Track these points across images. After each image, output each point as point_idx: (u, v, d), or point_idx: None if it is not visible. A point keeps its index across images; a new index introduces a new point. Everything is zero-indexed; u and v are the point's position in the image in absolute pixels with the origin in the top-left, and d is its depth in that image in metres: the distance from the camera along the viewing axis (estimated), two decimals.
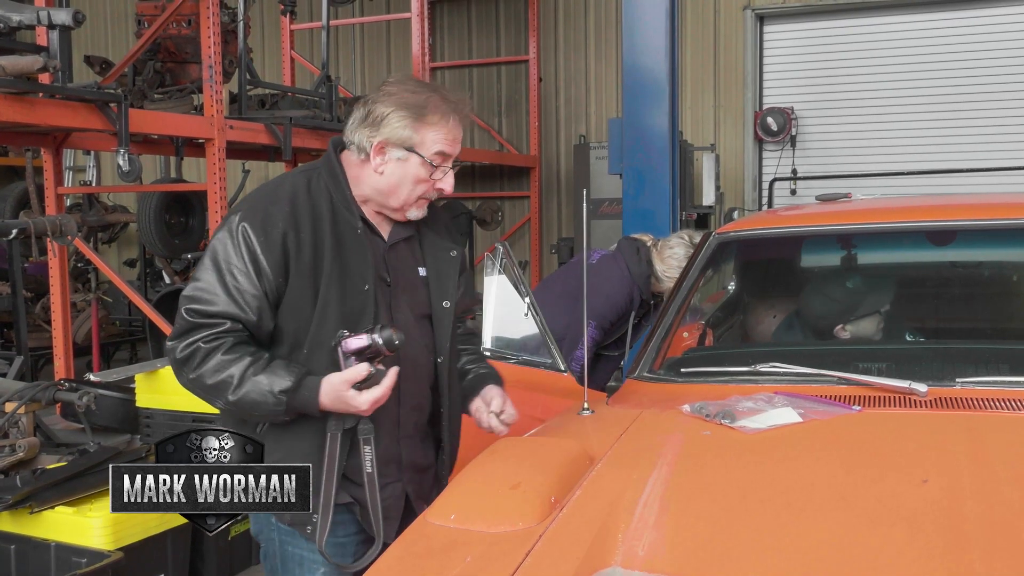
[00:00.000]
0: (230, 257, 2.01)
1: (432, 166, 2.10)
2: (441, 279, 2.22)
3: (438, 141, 2.10)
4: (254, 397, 1.97)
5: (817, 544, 1.59)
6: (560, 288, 4.07)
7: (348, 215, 2.10)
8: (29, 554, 3.32)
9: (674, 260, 3.86)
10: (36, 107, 4.61)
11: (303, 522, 2.07)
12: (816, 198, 3.44)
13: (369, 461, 2.05)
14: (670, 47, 5.40)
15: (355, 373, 1.96)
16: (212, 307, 2.00)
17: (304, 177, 2.14)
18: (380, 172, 2.11)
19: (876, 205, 3.37)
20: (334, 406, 2.00)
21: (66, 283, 6.03)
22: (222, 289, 2.00)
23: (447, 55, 9.89)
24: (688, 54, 8.60)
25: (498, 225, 9.42)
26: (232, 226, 2.04)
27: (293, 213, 2.05)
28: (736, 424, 2.12)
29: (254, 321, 2.02)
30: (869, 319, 3.00)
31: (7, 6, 4.44)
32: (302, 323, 2.05)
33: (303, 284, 2.03)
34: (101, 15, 10.84)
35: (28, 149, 8.08)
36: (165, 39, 6.17)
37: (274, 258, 2.01)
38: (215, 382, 1.99)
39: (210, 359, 1.99)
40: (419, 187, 2.11)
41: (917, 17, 8.45)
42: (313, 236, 2.05)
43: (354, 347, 1.97)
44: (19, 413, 3.86)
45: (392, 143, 2.09)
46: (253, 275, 2.01)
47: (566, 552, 1.60)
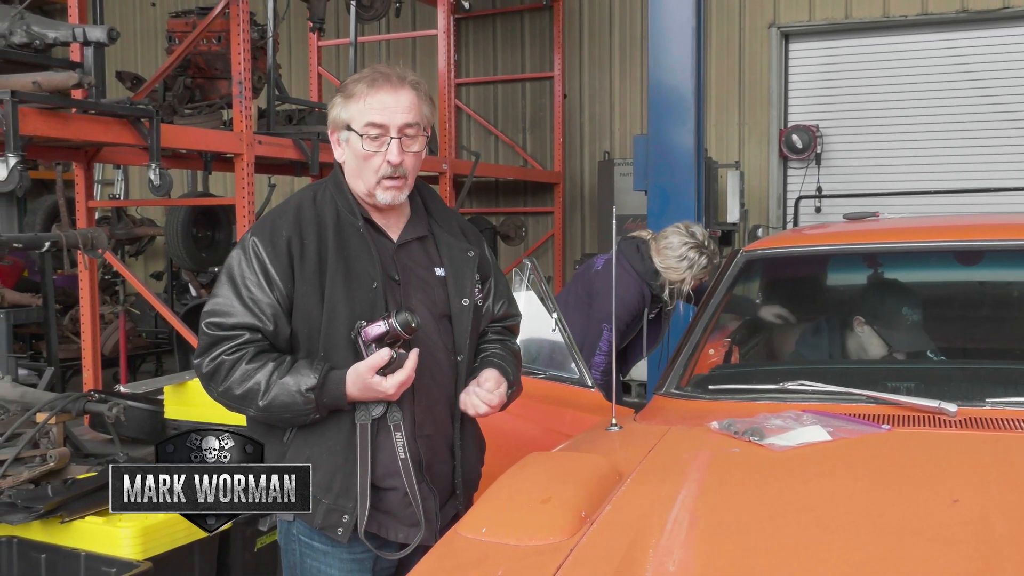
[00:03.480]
0: (244, 271, 2.09)
1: (369, 138, 2.11)
2: (458, 278, 2.22)
3: (365, 112, 2.11)
4: (283, 399, 2.01)
5: (848, 563, 1.59)
6: (572, 299, 4.10)
7: (351, 218, 2.15)
8: (59, 563, 3.35)
9: (670, 251, 3.86)
10: (70, 122, 4.68)
11: (334, 525, 2.08)
12: (844, 216, 3.44)
13: (401, 447, 2.08)
14: (696, 65, 5.41)
15: (378, 358, 2.00)
16: (230, 319, 2.06)
17: (311, 191, 2.23)
18: (342, 161, 2.19)
19: (904, 224, 3.37)
20: (362, 395, 2.04)
21: (95, 295, 6.10)
22: (238, 302, 2.07)
23: (472, 71, 9.95)
24: (713, 71, 8.61)
25: (522, 240, 9.44)
26: (245, 243, 2.12)
27: (297, 222, 2.12)
28: (765, 442, 2.13)
29: (271, 329, 2.07)
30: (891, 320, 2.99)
31: (43, 23, 4.51)
32: (313, 326, 2.09)
33: (309, 288, 2.08)
34: (131, 31, 10.98)
35: (58, 163, 8.19)
36: (195, 55, 6.25)
37: (282, 266, 2.08)
38: (243, 391, 2.03)
39: (235, 370, 2.04)
40: (370, 164, 2.12)
41: (943, 36, 8.42)
42: (317, 241, 2.10)
43: (374, 334, 2.01)
44: (50, 424, 3.90)
45: (337, 128, 2.17)
46: (265, 286, 2.07)
47: (597, 567, 1.61)
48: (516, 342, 2.41)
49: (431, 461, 2.16)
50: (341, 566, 2.14)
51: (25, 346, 8.16)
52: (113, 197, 9.73)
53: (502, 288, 2.38)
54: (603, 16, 9.41)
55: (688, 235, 3.89)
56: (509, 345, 2.35)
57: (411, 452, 2.10)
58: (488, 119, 9.89)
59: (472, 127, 10.00)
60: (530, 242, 9.64)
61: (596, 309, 3.83)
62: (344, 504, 2.08)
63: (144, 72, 8.31)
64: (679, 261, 3.85)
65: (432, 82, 9.21)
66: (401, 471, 2.09)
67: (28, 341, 8.22)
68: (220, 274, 2.13)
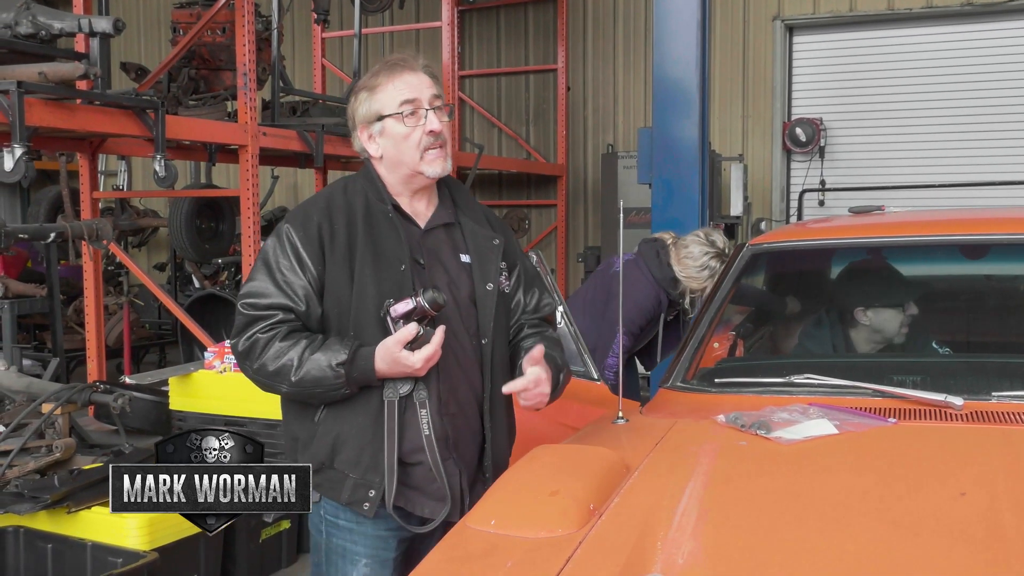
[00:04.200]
0: (278, 256, 2.18)
1: (407, 115, 2.20)
2: (483, 263, 2.28)
3: (396, 94, 2.21)
4: (315, 374, 2.08)
5: (855, 555, 1.60)
6: (588, 297, 4.09)
7: (381, 205, 2.24)
8: (66, 553, 3.37)
9: (690, 260, 3.86)
10: (76, 113, 4.68)
11: (360, 500, 2.14)
12: (849, 210, 3.44)
13: (427, 423, 2.14)
14: (700, 58, 5.41)
15: (406, 333, 2.05)
16: (265, 299, 2.15)
17: (342, 183, 2.33)
18: (380, 156, 2.26)
19: (910, 218, 3.37)
20: (390, 370, 2.09)
21: (100, 286, 6.10)
22: (272, 284, 2.16)
23: (476, 63, 9.94)
24: (717, 64, 8.60)
25: (525, 233, 9.44)
26: (280, 231, 2.22)
27: (328, 209, 2.22)
28: (772, 435, 2.13)
29: (303, 310, 2.15)
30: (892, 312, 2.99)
31: (49, 14, 4.51)
32: (343, 307, 2.16)
33: (339, 269, 2.16)
34: (135, 22, 10.97)
35: (62, 154, 8.19)
36: (200, 46, 6.24)
37: (313, 249, 2.16)
38: (277, 367, 2.11)
39: (269, 347, 2.12)
40: (411, 142, 2.21)
41: (947, 29, 8.41)
42: (347, 226, 2.19)
43: (402, 311, 2.08)
44: (55, 414, 3.92)
45: (367, 124, 2.25)
46: (298, 268, 2.16)
47: (606, 559, 1.62)
48: (553, 331, 2.46)
49: (457, 439, 2.21)
50: (366, 542, 2.19)
51: (29, 336, 8.17)
52: (116, 188, 9.73)
53: (532, 277, 2.43)
54: (607, 8, 9.40)
55: (708, 244, 3.88)
56: (548, 335, 2.39)
57: (437, 429, 2.16)
58: (491, 111, 9.88)
59: (476, 119, 10.00)
60: (533, 235, 9.65)
61: (612, 311, 3.80)
62: (371, 479, 2.14)
63: (148, 63, 8.31)
64: (700, 271, 3.85)
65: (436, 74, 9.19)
66: (425, 447, 2.14)
67: (32, 332, 8.23)
68: (256, 261, 2.24)
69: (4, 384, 4.24)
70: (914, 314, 3.02)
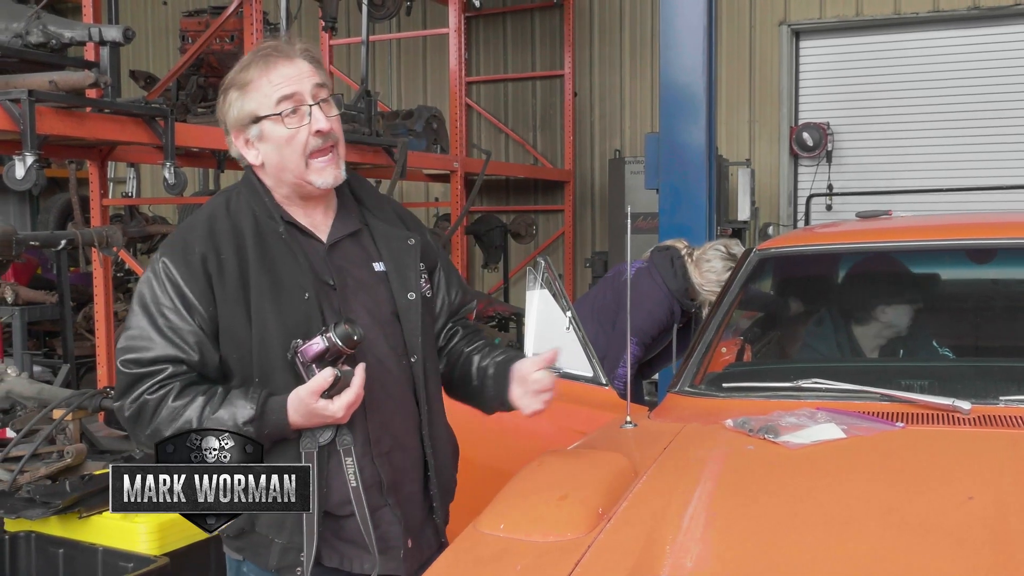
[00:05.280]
0: (157, 297, 1.87)
1: (288, 115, 1.89)
2: (401, 270, 2.01)
3: (272, 90, 1.89)
4: None
5: (863, 559, 1.60)
6: (598, 304, 4.04)
7: (271, 223, 1.93)
8: (77, 558, 3.38)
9: (712, 275, 3.81)
10: (86, 121, 4.71)
11: (291, 565, 1.91)
12: (856, 215, 3.45)
13: (353, 474, 1.89)
14: (707, 63, 5.42)
15: (321, 381, 1.79)
16: (148, 353, 1.85)
17: (223, 198, 1.99)
18: (261, 163, 1.94)
19: (917, 222, 3.38)
20: (307, 422, 1.84)
21: (110, 293, 6.14)
22: (155, 332, 1.85)
23: (482, 70, 9.97)
24: (724, 69, 8.61)
25: (532, 239, 9.45)
26: (155, 265, 1.89)
27: (210, 235, 1.89)
28: (780, 439, 2.14)
29: (196, 360, 1.86)
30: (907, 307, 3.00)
31: (59, 23, 4.54)
32: (243, 350, 1.87)
33: (233, 309, 1.87)
34: (143, 30, 11.02)
35: (72, 161, 8.23)
36: (208, 54, 6.29)
37: (199, 287, 1.86)
38: (173, 432, 1.81)
39: (161, 409, 1.84)
40: (295, 146, 1.90)
41: (954, 33, 8.41)
42: (236, 255, 1.88)
43: (312, 353, 1.81)
44: (66, 420, 3.93)
45: (243, 128, 1.93)
46: (183, 311, 1.85)
47: (615, 562, 1.63)
48: (476, 326, 2.24)
49: (396, 480, 1.97)
50: None
51: (39, 343, 8.20)
52: (126, 195, 9.78)
53: (450, 272, 2.17)
54: (613, 14, 9.42)
55: (730, 257, 3.82)
56: (481, 338, 2.19)
57: (367, 476, 1.92)
58: (498, 117, 9.91)
59: (483, 125, 10.02)
60: (540, 240, 9.66)
61: (623, 320, 3.78)
62: (300, 541, 1.89)
63: (157, 71, 8.35)
64: (720, 285, 3.79)
65: (443, 80, 9.24)
66: (352, 499, 1.90)
67: (42, 338, 8.26)
68: (132, 303, 1.90)
69: (16, 390, 4.26)
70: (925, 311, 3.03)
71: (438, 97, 9.64)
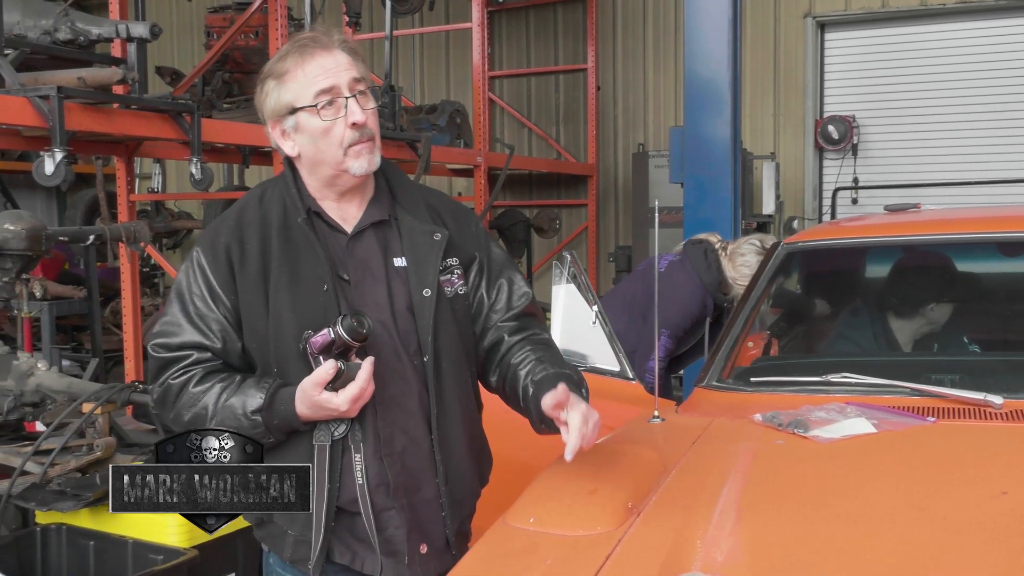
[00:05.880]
0: (190, 285, 1.91)
1: (325, 107, 1.88)
2: (420, 266, 1.96)
3: (308, 83, 1.88)
4: (230, 424, 1.82)
5: (895, 555, 1.59)
6: (629, 297, 4.03)
7: (297, 214, 1.93)
8: (107, 550, 3.41)
9: (746, 268, 3.75)
10: (113, 117, 4.75)
11: (303, 558, 1.91)
12: (884, 208, 3.42)
13: (360, 471, 1.88)
14: (732, 56, 5.39)
15: (323, 373, 1.78)
16: (176, 339, 1.89)
17: (260, 189, 2.03)
18: (297, 153, 1.95)
19: (946, 216, 3.35)
20: (314, 414, 1.83)
21: (137, 288, 6.18)
22: (185, 319, 1.90)
23: (505, 64, 9.96)
24: (748, 62, 8.55)
25: (555, 233, 9.44)
26: (191, 254, 1.95)
27: (238, 226, 1.93)
28: (809, 434, 2.13)
29: (219, 347, 1.89)
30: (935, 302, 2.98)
31: (87, 20, 4.58)
32: (261, 340, 1.89)
33: (253, 299, 1.89)
34: (168, 26, 11.08)
35: (98, 157, 8.31)
36: (233, 50, 6.31)
37: (222, 276, 1.89)
38: (191, 417, 1.87)
39: (183, 395, 1.88)
40: (331, 139, 1.89)
41: (981, 24, 8.31)
42: (260, 245, 1.90)
43: (319, 344, 1.81)
44: (96, 414, 3.97)
45: (280, 119, 1.92)
46: (209, 299, 1.89)
47: (646, 556, 1.63)
48: (540, 328, 2.09)
49: (406, 482, 1.93)
50: None
51: (66, 337, 8.28)
52: (151, 190, 9.85)
53: (499, 267, 2.08)
54: (636, 7, 9.38)
55: (764, 251, 3.73)
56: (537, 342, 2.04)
57: (373, 475, 1.89)
58: (521, 111, 9.90)
59: (506, 120, 10.02)
60: (564, 235, 9.65)
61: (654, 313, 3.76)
62: (310, 535, 1.89)
63: (182, 67, 8.40)
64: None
65: (466, 75, 9.25)
66: (358, 497, 1.89)
67: (69, 333, 8.34)
68: (171, 290, 1.96)
69: (46, 384, 4.30)
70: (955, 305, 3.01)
71: (461, 91, 9.64)
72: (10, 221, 3.86)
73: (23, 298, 5.30)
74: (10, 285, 3.99)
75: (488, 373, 2.09)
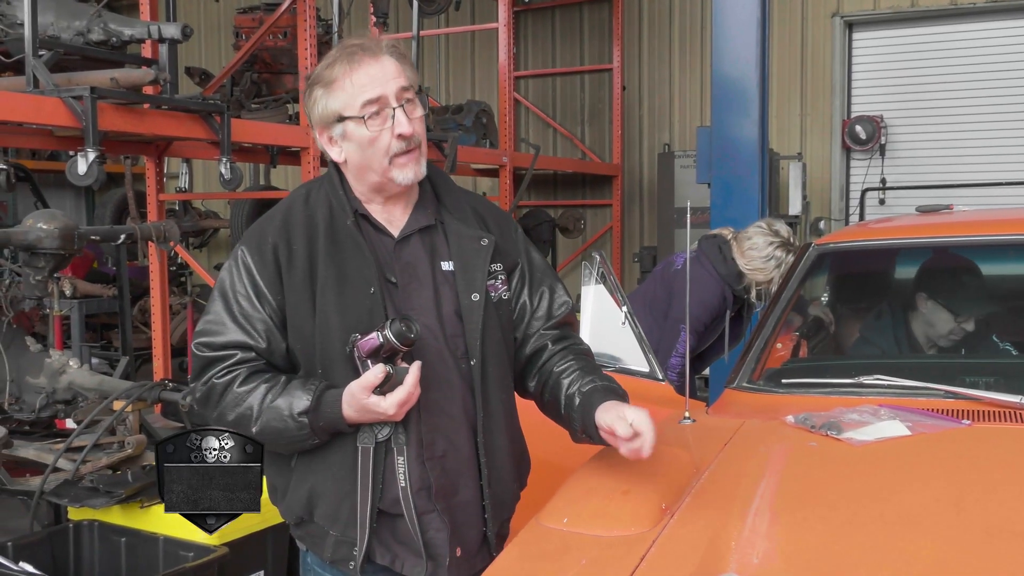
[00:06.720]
0: (234, 284, 1.91)
1: (372, 118, 1.87)
2: (468, 271, 1.96)
3: (356, 92, 1.87)
4: (275, 425, 1.83)
5: (930, 557, 1.59)
6: (649, 297, 4.04)
7: (344, 216, 1.93)
8: (139, 547, 3.44)
9: (754, 251, 3.75)
10: (144, 117, 4.79)
11: (344, 558, 1.92)
12: (916, 209, 3.40)
13: (403, 474, 1.87)
14: (760, 56, 5.37)
15: (372, 377, 1.78)
16: (220, 338, 1.89)
17: (304, 189, 2.03)
18: (344, 160, 1.95)
19: (979, 216, 3.32)
20: (360, 417, 1.83)
21: (166, 287, 6.24)
22: (229, 318, 1.89)
23: (531, 64, 9.97)
24: (775, 61, 8.50)
25: (580, 233, 9.44)
26: (235, 253, 1.94)
27: (285, 226, 1.93)
28: (843, 436, 2.12)
29: (264, 347, 1.89)
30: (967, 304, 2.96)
31: (119, 21, 4.63)
32: (307, 341, 1.89)
33: (299, 299, 1.88)
34: (196, 26, 11.12)
35: (127, 157, 8.38)
36: (262, 51, 6.35)
37: (269, 276, 1.89)
38: (235, 417, 1.86)
39: (227, 394, 1.87)
40: (377, 148, 1.88)
41: (1011, 23, 8.23)
42: (307, 246, 1.90)
43: (368, 348, 1.80)
44: (127, 411, 4.01)
45: (327, 126, 1.93)
46: (255, 299, 1.89)
47: (681, 557, 1.63)
48: (577, 338, 2.12)
49: (447, 486, 1.92)
50: None
51: (96, 336, 8.36)
52: (179, 190, 9.92)
53: (541, 274, 2.09)
54: (662, 7, 9.36)
55: (772, 234, 3.77)
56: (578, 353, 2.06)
57: (415, 479, 1.89)
58: (547, 112, 9.90)
59: (531, 120, 10.02)
60: (588, 235, 9.64)
61: (675, 309, 3.74)
62: (352, 535, 1.89)
63: (210, 67, 8.46)
64: (766, 261, 3.73)
65: (491, 75, 9.26)
66: (401, 500, 1.88)
67: (98, 331, 8.43)
68: (214, 289, 1.96)
69: (77, 381, 4.35)
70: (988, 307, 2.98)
71: (486, 91, 9.66)
72: (43, 220, 3.89)
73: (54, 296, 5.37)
74: (43, 283, 4.02)
75: (526, 379, 2.09)
